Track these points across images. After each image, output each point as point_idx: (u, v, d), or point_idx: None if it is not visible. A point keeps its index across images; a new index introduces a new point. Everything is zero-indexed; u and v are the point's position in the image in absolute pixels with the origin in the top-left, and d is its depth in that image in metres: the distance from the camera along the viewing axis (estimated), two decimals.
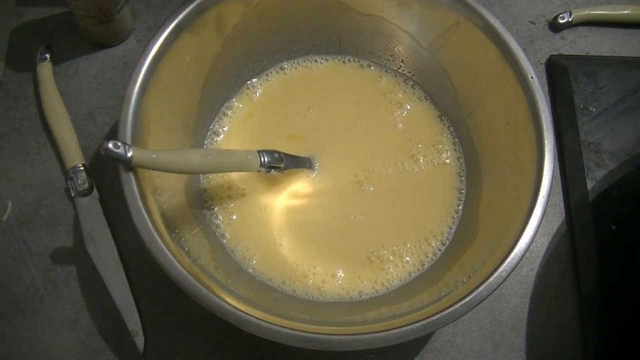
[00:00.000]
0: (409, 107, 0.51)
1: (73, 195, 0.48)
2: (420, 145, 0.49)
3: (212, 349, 0.45)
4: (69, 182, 0.48)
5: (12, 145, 0.51)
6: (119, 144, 0.33)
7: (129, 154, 0.33)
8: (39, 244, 0.48)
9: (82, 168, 0.48)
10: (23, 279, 0.46)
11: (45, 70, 0.52)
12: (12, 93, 0.53)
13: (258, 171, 0.43)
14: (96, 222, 0.48)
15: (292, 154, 0.46)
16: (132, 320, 0.45)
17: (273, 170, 0.43)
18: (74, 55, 0.55)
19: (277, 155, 0.43)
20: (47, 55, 0.53)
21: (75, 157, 0.49)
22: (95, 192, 0.48)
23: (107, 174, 0.50)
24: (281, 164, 0.44)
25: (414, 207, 0.47)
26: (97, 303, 0.46)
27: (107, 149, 0.32)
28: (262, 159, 0.42)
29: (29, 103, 0.53)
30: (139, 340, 0.44)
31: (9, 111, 0.52)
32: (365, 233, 0.46)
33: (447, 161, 0.49)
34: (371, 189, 0.48)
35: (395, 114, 0.51)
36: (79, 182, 0.48)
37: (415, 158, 0.49)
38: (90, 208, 0.48)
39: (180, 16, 0.41)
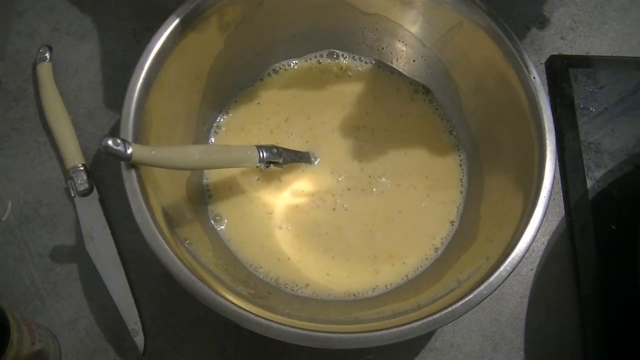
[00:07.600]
0: (411, 105, 0.51)
1: (73, 195, 0.48)
2: (421, 144, 0.49)
3: (212, 349, 0.45)
4: (69, 182, 0.48)
5: (12, 145, 0.51)
6: (118, 141, 0.33)
7: (129, 151, 0.33)
8: (39, 244, 0.48)
9: (82, 168, 0.48)
10: (23, 279, 0.46)
11: (45, 70, 0.52)
12: (12, 93, 0.53)
13: (257, 166, 0.43)
14: (96, 222, 0.48)
15: (291, 148, 0.46)
16: (132, 320, 0.45)
17: (272, 165, 0.44)
18: (74, 55, 0.55)
19: (275, 150, 0.43)
20: (47, 55, 0.53)
21: (75, 157, 0.49)
22: (95, 192, 0.48)
23: (107, 174, 0.50)
24: (280, 159, 0.44)
25: (415, 206, 0.47)
26: (97, 303, 0.46)
27: (107, 146, 0.32)
28: (261, 154, 0.42)
29: (29, 103, 0.53)
30: (139, 340, 0.44)
31: (9, 111, 0.52)
32: (367, 231, 0.46)
33: (448, 160, 0.49)
34: (372, 187, 0.48)
35: (397, 112, 0.51)
36: (79, 182, 0.48)
37: (417, 157, 0.49)
38: (90, 208, 0.48)
39: (183, 14, 0.41)
